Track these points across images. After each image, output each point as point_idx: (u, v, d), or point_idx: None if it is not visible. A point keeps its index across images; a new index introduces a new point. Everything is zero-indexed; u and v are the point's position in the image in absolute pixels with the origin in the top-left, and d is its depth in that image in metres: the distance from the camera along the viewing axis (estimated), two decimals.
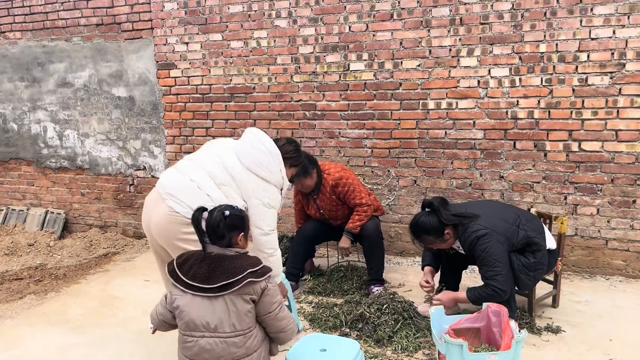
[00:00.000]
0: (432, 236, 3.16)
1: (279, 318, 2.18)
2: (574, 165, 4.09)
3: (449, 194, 4.43)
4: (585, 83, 3.95)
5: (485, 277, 3.05)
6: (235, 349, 2.10)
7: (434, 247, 3.32)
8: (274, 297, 2.17)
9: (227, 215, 2.15)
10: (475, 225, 3.07)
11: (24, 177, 6.16)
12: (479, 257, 3.05)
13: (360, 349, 2.53)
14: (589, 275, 4.17)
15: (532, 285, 3.26)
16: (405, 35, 4.35)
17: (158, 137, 5.42)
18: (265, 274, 2.14)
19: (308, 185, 3.86)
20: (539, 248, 3.14)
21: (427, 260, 3.56)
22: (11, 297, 4.19)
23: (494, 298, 2.97)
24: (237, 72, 4.96)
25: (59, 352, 3.21)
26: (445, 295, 3.28)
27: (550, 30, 3.97)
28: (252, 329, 2.15)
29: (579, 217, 4.14)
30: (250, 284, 2.08)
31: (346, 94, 4.61)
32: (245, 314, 2.10)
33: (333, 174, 3.90)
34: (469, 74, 4.23)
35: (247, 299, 2.10)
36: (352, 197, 3.88)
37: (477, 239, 3.04)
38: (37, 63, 5.77)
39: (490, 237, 3.02)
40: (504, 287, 3.00)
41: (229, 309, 2.08)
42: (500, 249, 3.02)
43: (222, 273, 2.08)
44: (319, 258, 4.69)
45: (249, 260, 2.18)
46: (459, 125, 4.33)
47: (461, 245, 3.18)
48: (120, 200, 5.74)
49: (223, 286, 2.06)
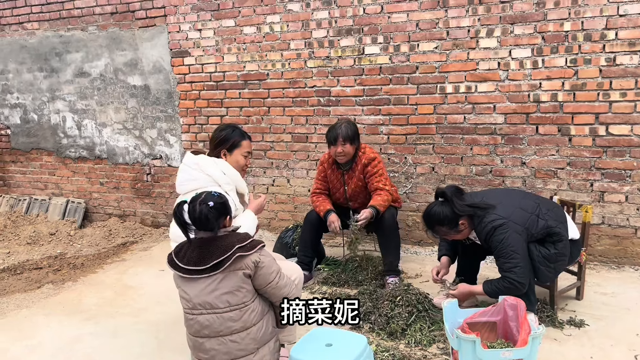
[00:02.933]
0: (446, 227, 3.04)
1: (280, 286, 2.27)
2: (600, 150, 3.88)
3: (469, 181, 4.28)
4: (613, 63, 3.73)
5: (502, 270, 2.92)
6: (232, 322, 2.21)
7: (449, 238, 3.20)
8: (270, 268, 2.25)
9: (212, 206, 2.23)
10: (491, 215, 2.93)
11: (45, 167, 6.23)
12: (495, 249, 2.92)
13: (368, 344, 2.43)
14: (616, 265, 3.98)
15: (552, 277, 3.11)
16: (421, 17, 4.18)
17: (173, 126, 5.39)
18: (255, 247, 2.23)
19: (348, 152, 3.76)
20: (560, 238, 2.98)
21: (443, 251, 3.44)
22: (29, 286, 4.24)
23: (511, 291, 2.84)
24: (250, 59, 4.87)
25: (71, 342, 3.22)
26: (460, 290, 3.16)
27: (575, 7, 3.75)
28: (248, 303, 2.23)
29: (606, 205, 3.94)
30: (241, 258, 2.19)
31: (361, 78, 4.48)
32: (238, 290, 2.20)
33: (368, 153, 3.86)
34: (488, 56, 4.04)
35: (241, 274, 2.19)
36: (377, 180, 3.79)
37: (493, 229, 2.90)
38: (54, 53, 5.80)
39: (508, 227, 2.88)
40: (522, 279, 2.86)
41: (223, 286, 2.19)
42: (518, 239, 2.88)
43: (213, 253, 2.19)
44: (335, 247, 4.61)
45: (238, 236, 2.26)
46: (478, 110, 4.16)
47: (477, 236, 3.05)
48: (138, 190, 5.75)
49: (215, 265, 2.18)
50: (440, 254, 3.46)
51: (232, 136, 2.92)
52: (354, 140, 3.78)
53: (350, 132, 3.74)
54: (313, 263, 4.03)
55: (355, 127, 3.83)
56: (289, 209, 5.03)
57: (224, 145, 2.92)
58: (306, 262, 3.91)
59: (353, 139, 3.76)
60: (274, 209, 5.11)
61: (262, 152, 5.03)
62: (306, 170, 4.88)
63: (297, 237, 4.28)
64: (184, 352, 2.84)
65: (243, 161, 2.94)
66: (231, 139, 2.92)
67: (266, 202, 3.10)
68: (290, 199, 5.01)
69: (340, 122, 3.83)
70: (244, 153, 2.94)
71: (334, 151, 3.79)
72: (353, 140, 3.77)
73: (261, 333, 2.29)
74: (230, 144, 2.92)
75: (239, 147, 2.92)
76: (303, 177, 4.90)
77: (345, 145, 3.73)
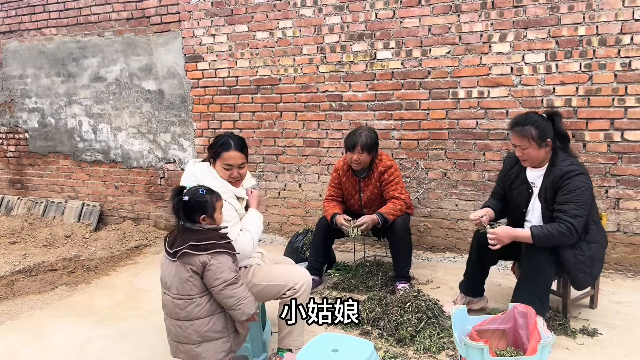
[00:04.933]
0: (536, 132, 2.90)
1: (223, 295, 2.33)
2: (615, 156, 3.82)
3: (481, 186, 4.24)
4: (629, 68, 3.67)
5: (566, 214, 2.84)
6: (179, 310, 2.37)
7: (520, 153, 3.00)
8: (217, 274, 2.32)
9: (186, 201, 2.37)
10: (579, 163, 2.98)
11: (61, 170, 6.33)
12: (571, 192, 2.85)
13: (376, 350, 2.42)
14: (632, 274, 3.90)
15: (592, 281, 3.10)
16: (433, 21, 4.17)
17: (187, 130, 5.43)
18: (208, 250, 2.32)
19: (364, 161, 3.76)
20: (595, 239, 2.99)
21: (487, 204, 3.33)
22: (44, 288, 4.30)
23: (564, 237, 2.82)
24: (263, 64, 4.89)
25: (82, 344, 3.25)
26: (503, 230, 3.00)
27: (589, 12, 3.71)
28: (194, 297, 2.35)
29: (622, 212, 3.87)
30: (188, 255, 2.31)
31: (373, 83, 4.47)
32: (185, 282, 2.34)
33: (385, 160, 3.85)
34: (501, 61, 4.01)
35: (188, 268, 2.32)
36: (393, 189, 3.78)
37: (579, 174, 2.88)
38: (72, 58, 5.89)
39: (589, 182, 2.91)
40: (579, 230, 2.85)
41: (176, 273, 2.35)
42: (590, 197, 2.90)
43: (181, 242, 2.34)
44: (346, 253, 4.60)
45: (206, 234, 2.37)
46: (491, 115, 4.12)
47: (552, 173, 2.93)
48: (151, 193, 5.80)
49: (176, 253, 2.34)
50: (483, 205, 3.35)
51: (216, 146, 2.79)
52: (372, 150, 3.76)
53: (370, 141, 3.71)
54: (323, 268, 4.03)
55: (376, 136, 3.80)
56: (300, 213, 5.04)
57: (209, 153, 2.84)
58: (317, 268, 3.90)
59: (371, 149, 3.74)
60: (286, 214, 5.11)
61: (274, 156, 5.05)
62: (318, 175, 4.88)
63: (307, 242, 4.28)
64: None
65: (225, 173, 2.77)
66: (213, 149, 2.80)
67: (261, 194, 3.07)
68: (302, 204, 5.01)
69: (362, 129, 3.80)
70: (224, 165, 2.76)
71: (350, 157, 3.77)
72: (371, 150, 3.74)
73: (205, 329, 2.37)
74: (213, 152, 2.80)
75: (220, 158, 2.77)
76: (315, 182, 4.90)
77: (362, 154, 3.72)
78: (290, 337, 2.77)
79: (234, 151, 2.76)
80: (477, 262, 3.32)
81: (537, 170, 3.04)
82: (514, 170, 3.18)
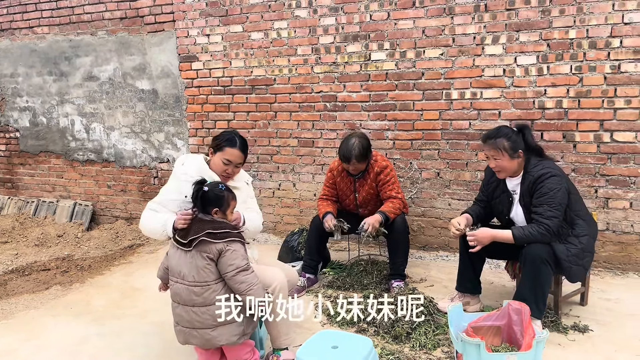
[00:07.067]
0: (508, 144, 3.03)
1: (235, 281, 2.46)
2: (605, 156, 3.90)
3: (473, 186, 4.30)
4: (618, 70, 3.75)
5: (542, 216, 2.95)
6: (195, 296, 2.48)
7: (493, 164, 3.12)
8: (231, 260, 2.45)
9: (205, 192, 2.54)
10: (553, 166, 3.06)
11: (53, 169, 6.29)
12: (544, 195, 2.96)
13: (374, 347, 2.46)
14: (620, 272, 3.99)
15: (584, 274, 3.18)
16: (427, 23, 4.22)
17: (181, 130, 5.44)
18: (224, 238, 2.46)
19: (359, 169, 3.80)
20: (584, 232, 3.06)
21: (466, 211, 3.44)
22: (38, 287, 4.28)
23: (544, 237, 2.94)
24: (257, 64, 4.92)
25: (78, 343, 3.25)
26: (481, 231, 3.12)
27: (580, 15, 3.79)
28: (210, 284, 2.47)
29: (611, 211, 3.95)
30: (205, 242, 2.45)
31: (367, 84, 4.52)
32: (202, 269, 2.46)
33: (380, 161, 3.87)
34: (494, 63, 4.08)
35: (205, 256, 2.45)
36: (390, 189, 3.82)
37: (551, 176, 2.98)
38: (64, 57, 5.87)
39: (562, 182, 2.99)
40: (556, 231, 2.95)
41: (192, 262, 2.48)
42: (565, 198, 2.98)
43: (195, 232, 2.47)
44: (340, 251, 4.64)
45: (220, 224, 2.51)
46: (483, 116, 4.19)
47: (526, 179, 3.06)
48: (145, 193, 5.80)
49: (191, 242, 2.47)
50: (463, 212, 3.45)
51: (222, 140, 2.90)
52: (366, 157, 3.78)
53: (364, 151, 3.71)
54: (318, 267, 4.06)
55: (368, 141, 3.79)
56: (294, 213, 5.07)
57: (212, 144, 2.94)
58: (312, 266, 3.94)
59: (365, 157, 3.76)
60: (280, 213, 5.14)
61: (268, 156, 5.07)
62: (312, 175, 4.91)
63: (302, 241, 4.32)
64: (190, 354, 2.88)
65: (222, 166, 2.86)
66: (218, 141, 2.91)
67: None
68: (296, 203, 5.04)
69: (353, 138, 3.74)
70: (224, 159, 2.85)
71: (346, 167, 3.82)
72: (365, 157, 3.76)
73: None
74: (217, 144, 2.90)
75: (222, 152, 2.86)
76: (309, 182, 4.94)
77: (357, 164, 3.74)
78: (280, 337, 2.80)
79: (237, 150, 2.87)
80: (467, 261, 3.40)
81: (515, 179, 3.18)
82: (494, 179, 3.30)
